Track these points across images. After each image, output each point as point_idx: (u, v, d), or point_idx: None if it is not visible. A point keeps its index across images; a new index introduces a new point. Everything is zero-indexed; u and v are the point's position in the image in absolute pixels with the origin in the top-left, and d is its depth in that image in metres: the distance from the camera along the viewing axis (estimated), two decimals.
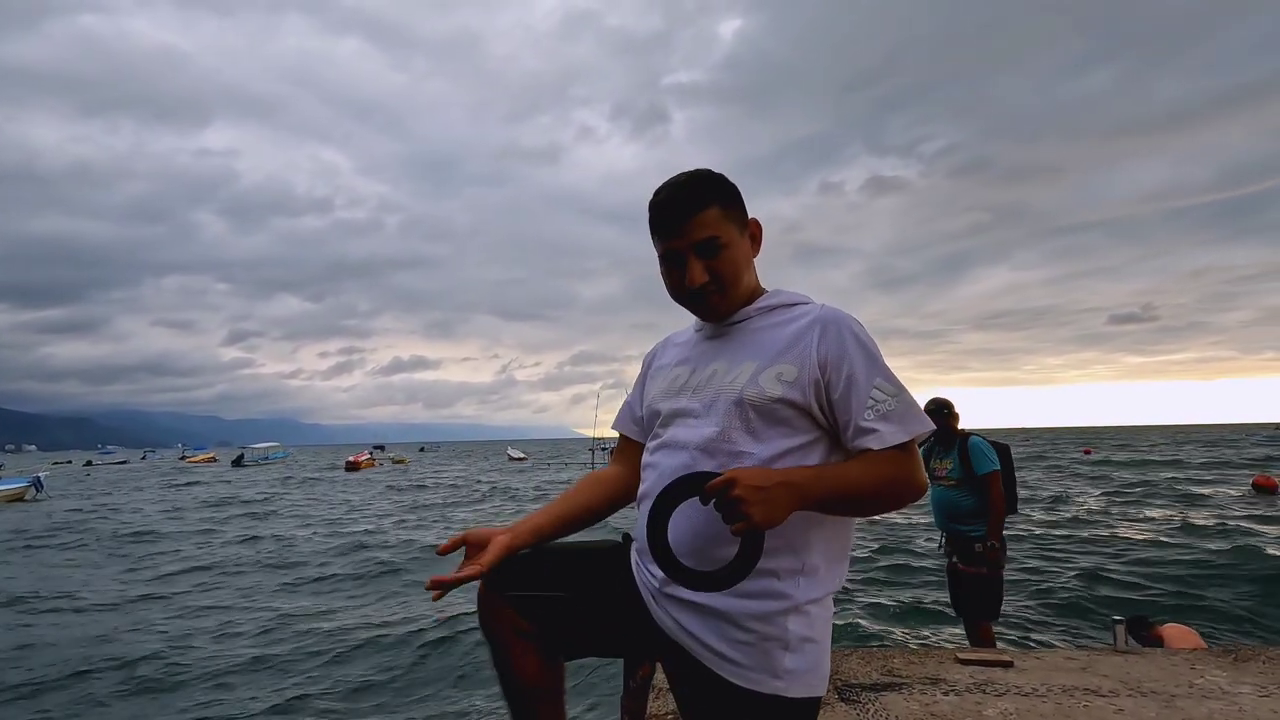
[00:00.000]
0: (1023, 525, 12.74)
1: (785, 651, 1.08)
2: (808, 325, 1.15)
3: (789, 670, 1.08)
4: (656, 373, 1.35)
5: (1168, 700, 2.53)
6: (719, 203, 1.18)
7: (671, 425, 1.21)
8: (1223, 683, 2.70)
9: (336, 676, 5.73)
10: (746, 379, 1.14)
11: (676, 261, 1.19)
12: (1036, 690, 2.65)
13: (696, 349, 1.28)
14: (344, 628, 7.16)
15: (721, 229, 1.17)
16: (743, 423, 1.12)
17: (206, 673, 5.79)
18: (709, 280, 1.17)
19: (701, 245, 1.16)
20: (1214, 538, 10.99)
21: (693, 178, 1.20)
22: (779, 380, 1.11)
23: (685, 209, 1.16)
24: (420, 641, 6.53)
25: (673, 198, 1.17)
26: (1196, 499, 16.57)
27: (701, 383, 1.20)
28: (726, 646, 1.08)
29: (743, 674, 1.07)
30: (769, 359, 1.14)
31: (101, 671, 5.84)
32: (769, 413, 1.11)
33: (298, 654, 6.33)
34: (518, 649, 1.21)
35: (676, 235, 1.17)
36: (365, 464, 46.89)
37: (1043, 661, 3.03)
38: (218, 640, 6.79)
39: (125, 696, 5.34)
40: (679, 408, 1.21)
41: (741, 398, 1.12)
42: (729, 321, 1.24)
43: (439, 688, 5.48)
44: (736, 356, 1.18)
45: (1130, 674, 2.83)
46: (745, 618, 1.08)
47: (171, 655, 6.23)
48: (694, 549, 1.09)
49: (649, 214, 1.21)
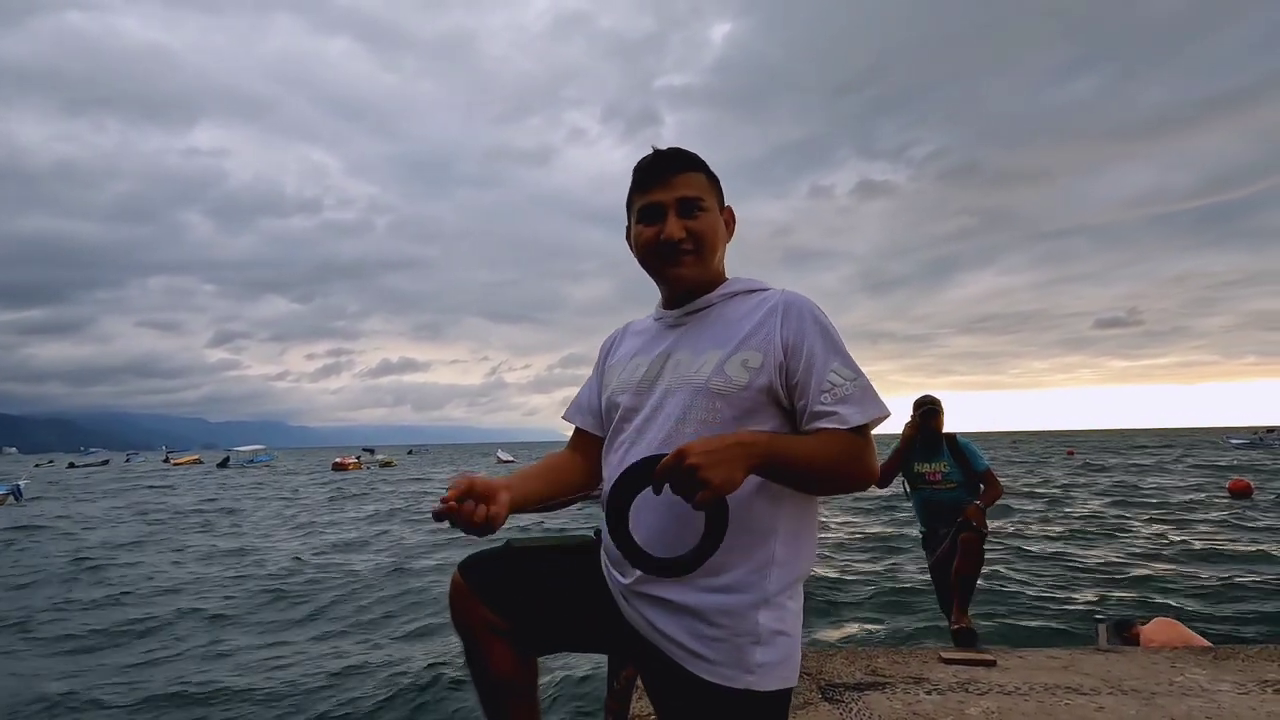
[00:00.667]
0: (1006, 522, 12.84)
1: (756, 645, 1.07)
2: (769, 310, 1.15)
3: (760, 664, 1.07)
4: (615, 363, 1.32)
5: (1148, 698, 2.55)
6: (704, 172, 1.21)
7: (634, 418, 1.20)
8: (1202, 680, 2.72)
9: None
10: (711, 368, 1.12)
11: (655, 215, 1.18)
12: (1019, 689, 2.66)
13: (657, 338, 1.25)
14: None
15: (705, 193, 1.19)
16: (709, 413, 1.10)
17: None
18: (685, 236, 1.17)
19: (685, 202, 1.17)
20: (1189, 540, 11.14)
21: (679, 148, 1.21)
22: (745, 367, 1.10)
23: (674, 165, 1.18)
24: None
25: (661, 155, 1.19)
26: (1174, 502, 16.78)
27: (665, 372, 1.18)
28: (697, 643, 1.07)
29: (714, 670, 1.06)
30: (733, 346, 1.13)
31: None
32: (735, 401, 1.10)
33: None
34: (490, 644, 1.19)
35: (661, 187, 1.17)
36: (352, 466, 46.75)
37: (1025, 660, 3.05)
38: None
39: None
40: (641, 400, 1.19)
41: (707, 387, 1.11)
42: (691, 309, 1.22)
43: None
44: (699, 345, 1.17)
45: (1111, 672, 2.84)
46: (715, 613, 1.07)
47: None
48: (665, 549, 1.07)
49: (633, 177, 1.21)
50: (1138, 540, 11.25)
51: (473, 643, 1.21)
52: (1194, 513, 14.60)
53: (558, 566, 1.25)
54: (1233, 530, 12.16)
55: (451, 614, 1.23)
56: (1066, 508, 16.03)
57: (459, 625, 1.22)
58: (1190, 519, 13.65)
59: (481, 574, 1.21)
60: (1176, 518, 13.93)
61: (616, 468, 1.17)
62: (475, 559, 1.24)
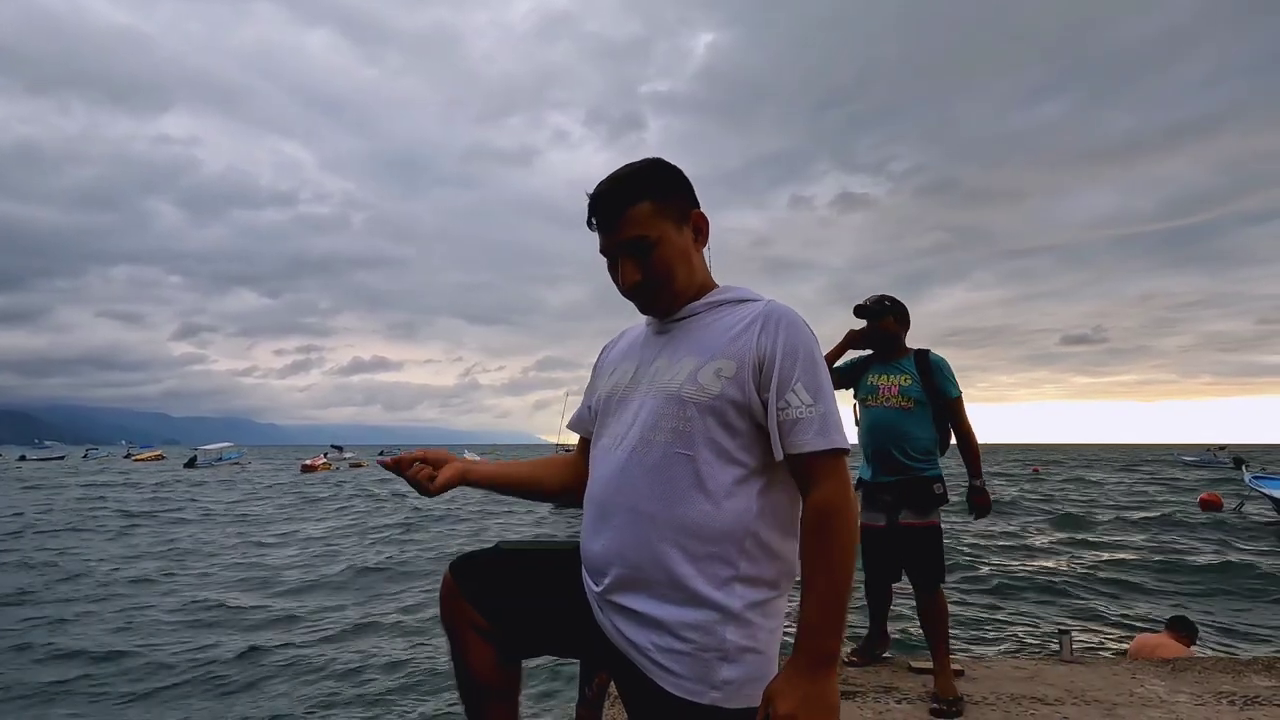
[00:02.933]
0: (965, 527, 13.06)
1: (723, 662, 1.05)
2: (750, 321, 1.14)
3: (727, 681, 1.04)
4: (606, 366, 1.34)
5: (1109, 708, 2.61)
6: (652, 197, 1.15)
7: (614, 424, 1.20)
8: (1161, 691, 2.79)
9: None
10: (685, 376, 1.12)
11: (611, 261, 1.20)
12: (986, 699, 2.70)
13: (644, 345, 1.26)
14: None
15: (651, 226, 1.15)
16: (681, 421, 1.09)
17: None
18: (641, 279, 1.16)
19: (631, 243, 1.15)
20: (1157, 552, 11.45)
21: (629, 173, 1.18)
22: (718, 376, 1.10)
23: (614, 207, 1.15)
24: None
25: (601, 194, 1.17)
26: (1145, 516, 17.22)
27: (643, 379, 1.19)
28: (663, 656, 1.06)
29: (680, 684, 1.05)
30: (709, 355, 1.13)
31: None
32: (708, 410, 1.09)
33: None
34: (474, 645, 1.21)
35: (606, 234, 1.18)
36: (322, 467, 45.62)
37: (991, 670, 3.10)
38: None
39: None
40: (622, 406, 1.21)
41: (680, 395, 1.11)
42: (675, 317, 1.21)
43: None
44: (677, 353, 1.17)
45: (1074, 683, 2.90)
46: (682, 627, 1.05)
47: None
48: (627, 562, 1.10)
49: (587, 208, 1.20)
50: (1106, 552, 11.53)
51: (457, 643, 1.22)
52: (1164, 526, 14.99)
53: (544, 570, 1.25)
54: (1201, 542, 12.55)
55: (440, 612, 1.24)
56: (1032, 520, 16.37)
57: (446, 624, 1.23)
58: (1159, 532, 14.03)
59: (470, 575, 1.23)
60: (1146, 531, 14.31)
61: (595, 484, 1.20)
62: (466, 559, 1.25)
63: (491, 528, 15.93)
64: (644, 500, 1.09)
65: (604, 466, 1.17)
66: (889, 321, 3.01)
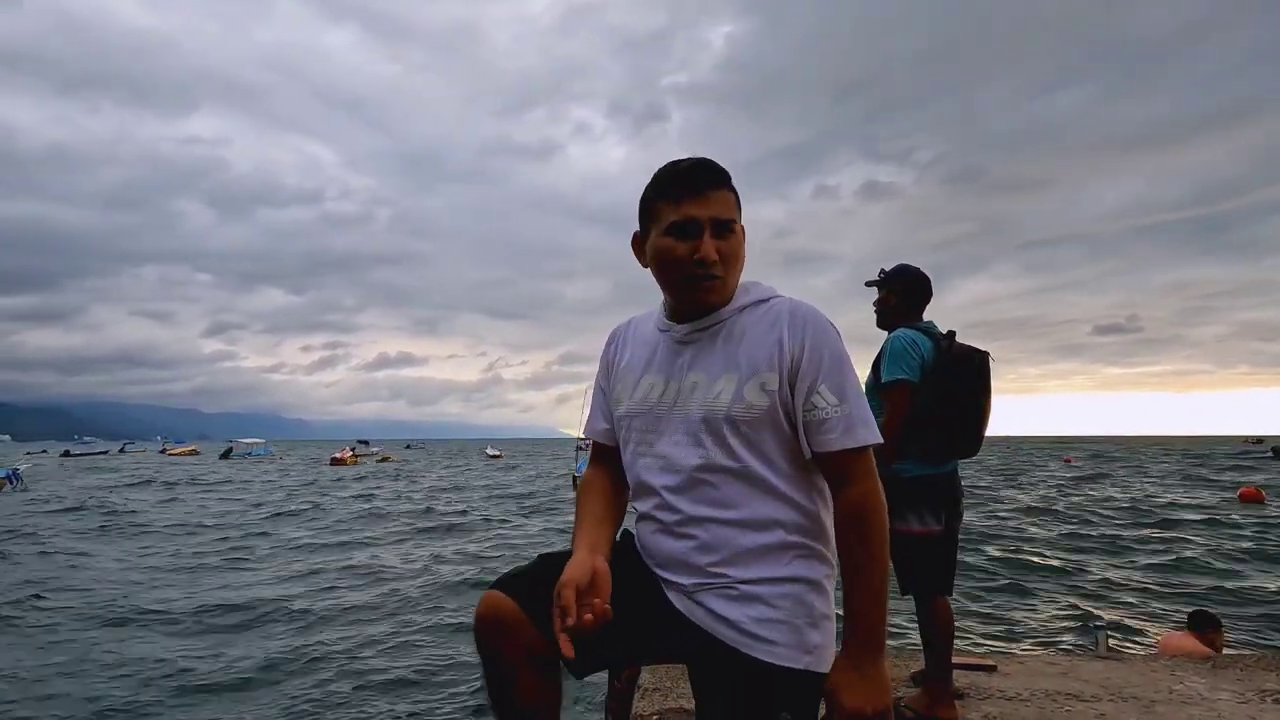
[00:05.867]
0: (1003, 519, 12.87)
1: (812, 628, 1.12)
2: (777, 325, 1.14)
3: (816, 645, 1.12)
4: (622, 373, 1.28)
5: (1147, 705, 2.55)
6: (734, 192, 1.18)
7: (655, 441, 1.19)
8: (1201, 689, 2.73)
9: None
10: (732, 394, 1.13)
11: (690, 230, 1.12)
12: (1020, 695, 2.66)
13: (667, 353, 1.21)
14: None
15: (736, 214, 1.17)
16: (737, 437, 1.13)
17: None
18: (718, 260, 1.13)
19: (719, 222, 1.13)
20: (1194, 547, 11.17)
21: (714, 162, 1.16)
22: (763, 390, 1.12)
23: (714, 180, 1.14)
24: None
25: (700, 167, 1.14)
26: (1182, 508, 16.82)
27: (681, 397, 1.17)
28: (761, 627, 1.10)
29: (776, 651, 1.10)
30: (749, 369, 1.13)
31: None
32: (760, 423, 1.13)
33: None
34: (525, 672, 1.13)
35: (696, 202, 1.12)
36: (350, 461, 46.28)
37: (1025, 666, 3.05)
38: None
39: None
40: (658, 423, 1.19)
41: (730, 414, 1.12)
42: (700, 325, 1.18)
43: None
44: (713, 368, 1.16)
45: (1111, 679, 2.85)
46: (776, 597, 1.11)
47: None
48: (716, 558, 1.13)
49: (662, 182, 1.16)
50: (1142, 546, 11.28)
51: (506, 671, 1.13)
52: (1204, 521, 14.62)
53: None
54: (1240, 539, 12.21)
55: (482, 641, 1.13)
56: (1068, 513, 16.07)
57: (491, 654, 1.13)
58: (1199, 526, 13.69)
59: (527, 592, 1.12)
60: (1184, 525, 13.97)
61: (656, 485, 1.18)
62: (514, 578, 1.17)
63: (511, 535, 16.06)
64: (720, 510, 1.13)
65: (663, 480, 1.17)
66: (884, 294, 2.69)
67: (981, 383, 2.47)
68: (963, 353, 2.47)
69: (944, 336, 2.53)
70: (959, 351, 2.47)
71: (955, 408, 2.40)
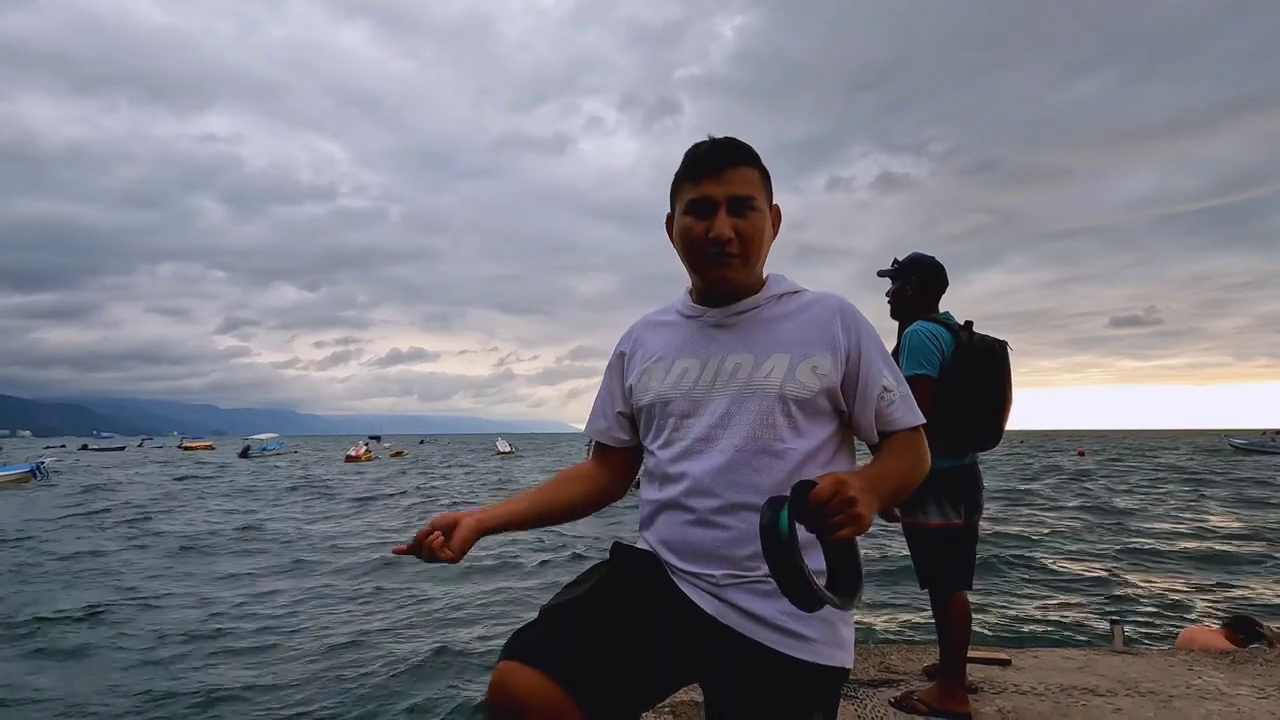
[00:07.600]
0: (1017, 513, 12.77)
1: (843, 623, 1.12)
2: (828, 315, 1.16)
3: (847, 641, 1.13)
4: (651, 365, 1.23)
5: (1165, 700, 2.53)
6: (759, 168, 1.17)
7: (694, 424, 1.15)
8: (1220, 684, 2.69)
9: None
10: (784, 373, 1.12)
11: (706, 209, 1.12)
12: (1035, 689, 2.64)
13: (700, 338, 1.19)
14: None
15: (757, 191, 1.15)
16: (785, 418, 1.11)
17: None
18: (733, 238, 1.12)
19: (736, 200, 1.12)
20: (1205, 541, 11.05)
21: (736, 139, 1.16)
22: (815, 373, 1.12)
23: (730, 158, 1.13)
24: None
25: (718, 144, 1.15)
26: (1188, 502, 16.65)
27: (724, 377, 1.15)
28: (795, 623, 1.08)
29: (812, 648, 1.08)
30: (800, 351, 1.14)
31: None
32: (808, 405, 1.12)
33: None
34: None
35: (715, 180, 1.11)
36: (364, 457, 46.36)
37: (1040, 660, 3.03)
38: None
39: None
40: (698, 405, 1.15)
41: (783, 394, 1.11)
42: (737, 310, 1.18)
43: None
44: (760, 348, 1.15)
45: (1128, 674, 2.82)
46: None
47: None
48: (752, 547, 1.04)
49: (684, 163, 1.16)
50: (1153, 542, 11.17)
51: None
52: (1210, 513, 14.48)
53: (609, 610, 1.10)
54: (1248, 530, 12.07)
55: (497, 714, 0.97)
56: (1079, 508, 15.94)
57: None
58: (1207, 519, 13.55)
59: (551, 654, 0.99)
60: (1193, 517, 13.82)
61: (687, 481, 1.12)
62: (528, 640, 1.03)
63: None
64: (759, 497, 1.04)
65: (701, 464, 1.12)
66: (900, 285, 2.64)
67: (1002, 374, 2.44)
68: (982, 344, 2.45)
69: (962, 327, 2.50)
70: (978, 343, 2.44)
71: (975, 400, 2.37)
